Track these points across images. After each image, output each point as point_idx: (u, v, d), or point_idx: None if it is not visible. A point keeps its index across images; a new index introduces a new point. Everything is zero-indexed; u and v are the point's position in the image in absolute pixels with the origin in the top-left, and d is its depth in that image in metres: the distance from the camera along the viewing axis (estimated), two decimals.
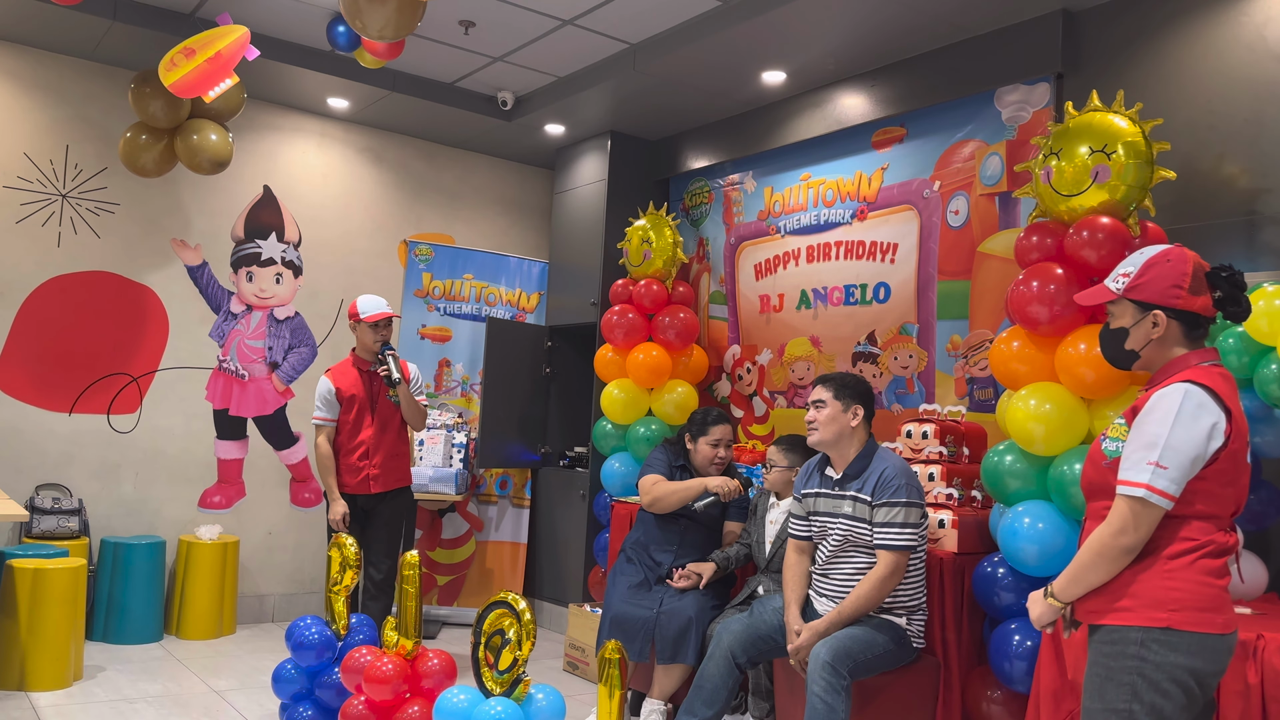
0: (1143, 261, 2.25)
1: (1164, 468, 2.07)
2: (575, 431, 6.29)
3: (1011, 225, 4.23)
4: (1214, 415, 2.09)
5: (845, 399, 3.41)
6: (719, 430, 4.29)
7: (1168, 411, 2.10)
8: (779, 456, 3.99)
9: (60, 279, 5.39)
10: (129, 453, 5.56)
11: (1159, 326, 2.22)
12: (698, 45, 4.71)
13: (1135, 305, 2.25)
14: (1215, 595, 2.09)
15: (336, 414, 4.55)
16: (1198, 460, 2.08)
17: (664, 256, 5.38)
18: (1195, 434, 2.07)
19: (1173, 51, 3.79)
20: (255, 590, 5.93)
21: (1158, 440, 2.08)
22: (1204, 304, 2.22)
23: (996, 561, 3.39)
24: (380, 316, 4.53)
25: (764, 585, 3.90)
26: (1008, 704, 3.38)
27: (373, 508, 4.60)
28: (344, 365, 4.64)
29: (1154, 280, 2.22)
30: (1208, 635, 2.07)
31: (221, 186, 5.86)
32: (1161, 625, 2.07)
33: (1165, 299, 2.21)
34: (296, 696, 3.68)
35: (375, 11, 3.72)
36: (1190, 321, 2.22)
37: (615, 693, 2.74)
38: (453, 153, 6.70)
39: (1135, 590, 2.11)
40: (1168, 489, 2.07)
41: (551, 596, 6.12)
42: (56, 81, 5.39)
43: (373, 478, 4.55)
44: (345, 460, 4.54)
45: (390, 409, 4.62)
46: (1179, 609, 2.07)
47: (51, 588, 4.36)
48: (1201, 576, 2.09)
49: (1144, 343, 2.26)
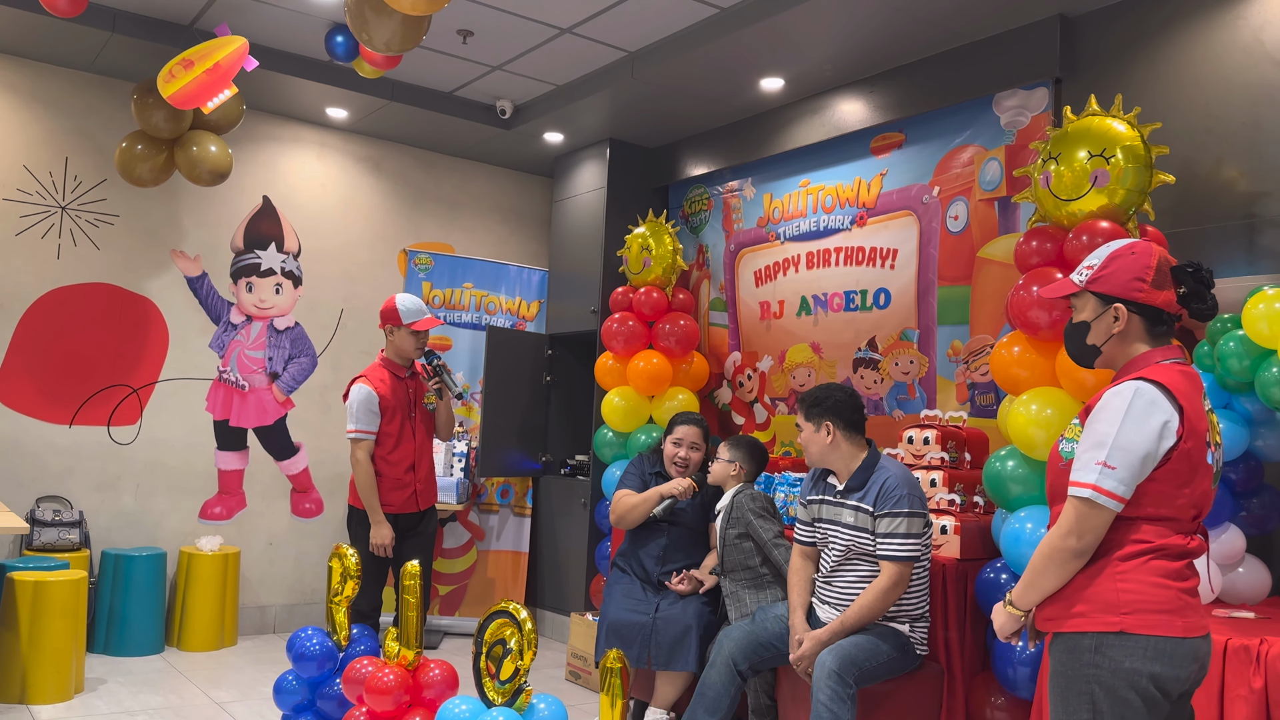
0: (1107, 254, 2.21)
1: (1112, 468, 2.01)
2: (576, 440, 6.28)
3: (1011, 230, 4.23)
4: (1165, 413, 2.03)
5: (815, 419, 3.42)
6: (681, 430, 4.29)
7: (1117, 410, 2.04)
8: (721, 451, 4.06)
9: (60, 291, 5.39)
10: (129, 464, 5.56)
11: (1120, 320, 2.17)
12: (696, 53, 4.72)
13: (1097, 298, 2.21)
14: (1172, 597, 2.02)
15: (378, 425, 4.19)
16: (1148, 459, 2.02)
17: (664, 264, 5.38)
18: (1145, 433, 2.01)
19: (1170, 55, 3.79)
20: (256, 601, 5.92)
21: (1106, 440, 2.03)
22: (1166, 299, 2.17)
23: (999, 567, 3.39)
24: (429, 325, 4.25)
25: (724, 588, 3.90)
26: (1011, 710, 3.37)
27: (412, 527, 4.33)
28: (378, 371, 4.28)
29: (1116, 272, 2.18)
30: (1164, 639, 1.99)
31: (221, 197, 5.86)
32: (1115, 629, 2.00)
33: (1127, 292, 2.16)
34: (298, 708, 3.66)
35: (381, 25, 3.73)
36: (1152, 317, 2.17)
37: (617, 702, 2.73)
38: (452, 162, 6.70)
39: (1088, 595, 2.05)
40: (1115, 489, 2.01)
41: (553, 605, 6.11)
42: (56, 94, 5.40)
43: (420, 493, 4.31)
44: (389, 475, 4.21)
45: (428, 418, 4.39)
46: (1131, 612, 2.01)
47: (52, 600, 4.35)
48: (1155, 578, 2.02)
49: (1105, 337, 2.20)
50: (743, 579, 3.84)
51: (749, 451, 4.02)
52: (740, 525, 3.84)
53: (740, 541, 3.84)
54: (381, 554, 4.20)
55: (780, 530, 3.83)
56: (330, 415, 6.16)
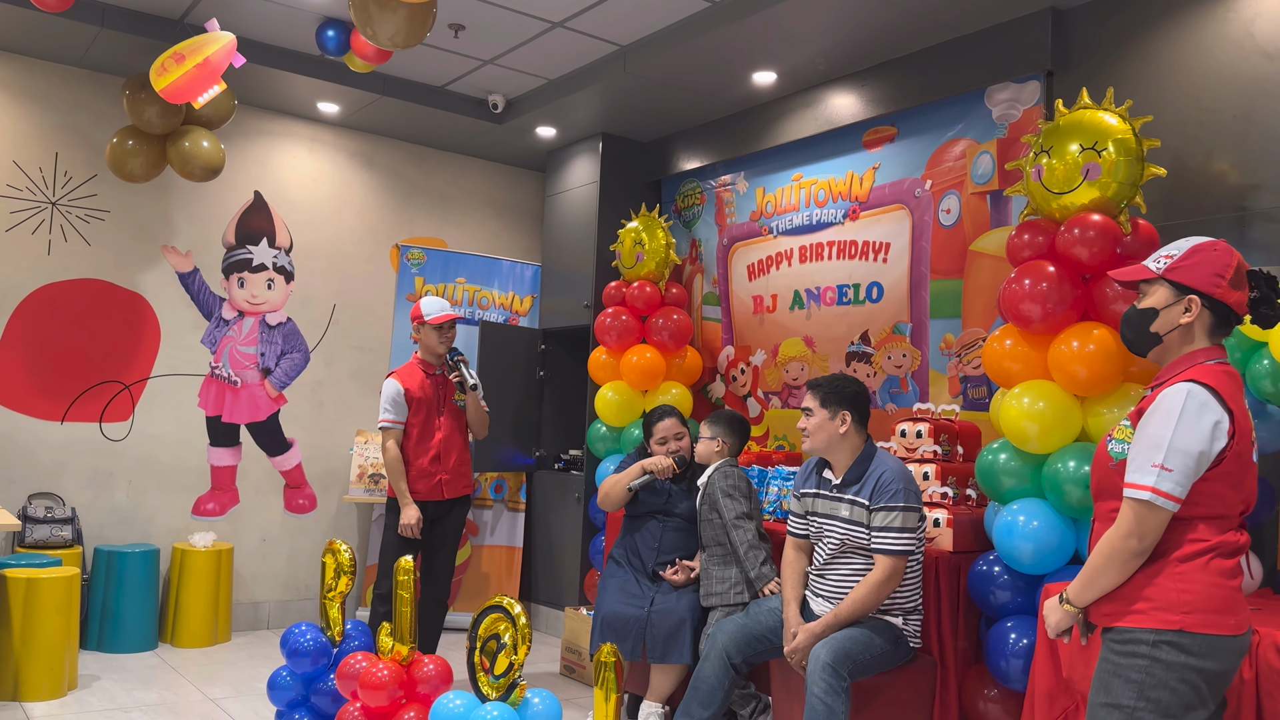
0: (1188, 246, 2.22)
1: (1169, 470, 2.06)
2: (570, 434, 6.28)
3: (1003, 223, 4.24)
4: (1216, 414, 2.08)
5: (831, 406, 3.40)
6: (661, 427, 4.30)
7: (1170, 412, 2.09)
8: (703, 429, 4.10)
9: (51, 287, 5.37)
10: (122, 461, 5.54)
11: (1190, 312, 2.19)
12: (688, 46, 4.71)
13: (1172, 287, 2.21)
14: (1228, 596, 2.09)
15: (405, 417, 4.50)
16: (1203, 460, 2.07)
17: (657, 258, 5.38)
18: (1199, 434, 2.06)
19: (1162, 48, 3.80)
20: (250, 597, 5.92)
21: (1162, 442, 2.07)
22: (1239, 299, 2.19)
23: (992, 560, 3.39)
24: (446, 318, 4.51)
25: (702, 565, 3.97)
26: (1004, 702, 3.38)
27: (441, 515, 4.58)
28: (410, 368, 4.59)
29: (1198, 265, 2.19)
30: (1219, 637, 2.06)
31: (212, 192, 5.84)
32: (1174, 628, 2.06)
33: (1206, 285, 2.18)
34: (292, 703, 3.66)
35: (386, 20, 3.73)
36: (1221, 315, 2.20)
37: (611, 696, 2.73)
38: (444, 156, 6.69)
39: (1148, 593, 2.11)
40: (1173, 491, 2.06)
41: (547, 600, 6.11)
42: (45, 89, 5.37)
43: (445, 483, 4.53)
44: (417, 464, 4.49)
45: (457, 413, 4.62)
46: (1191, 611, 2.06)
47: (45, 597, 4.34)
48: (1214, 578, 2.09)
49: (1171, 327, 2.22)
50: (716, 555, 3.91)
51: (729, 426, 4.08)
52: (710, 501, 3.91)
53: (712, 518, 3.92)
54: (409, 534, 4.38)
55: (745, 510, 3.86)
56: (323, 411, 6.15)
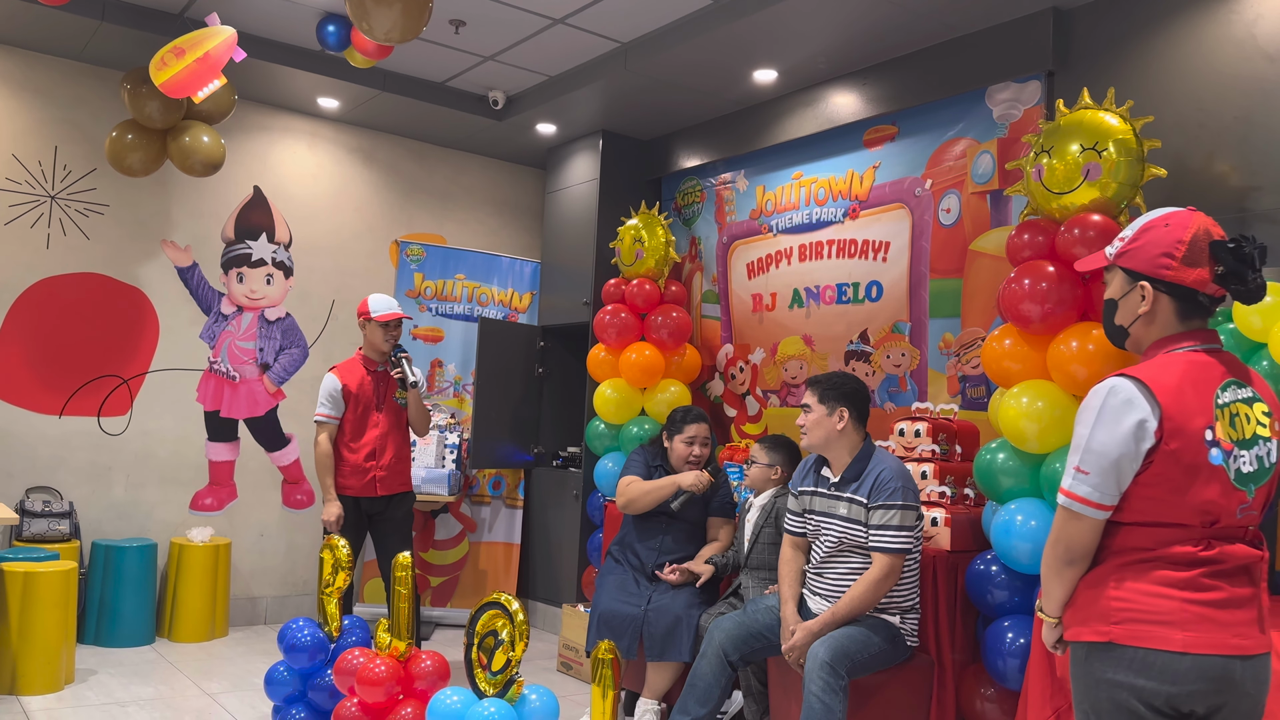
0: (1140, 224, 2.00)
1: (1085, 472, 1.88)
2: (568, 431, 6.28)
3: (1003, 223, 4.24)
4: (1141, 413, 1.84)
5: (830, 402, 3.41)
6: (693, 428, 4.30)
7: (1087, 411, 1.90)
8: (760, 454, 4.05)
9: (49, 281, 5.36)
10: (120, 455, 5.54)
11: (1146, 300, 1.96)
12: (689, 44, 4.71)
13: (1125, 274, 2.00)
14: (1175, 608, 1.83)
15: (341, 412, 4.49)
16: (1124, 462, 1.85)
17: (656, 256, 5.38)
18: (1117, 435, 1.85)
19: (1163, 49, 3.80)
20: (247, 592, 5.91)
21: (1080, 443, 1.90)
22: (1198, 278, 1.92)
23: (989, 559, 3.40)
24: (392, 317, 4.51)
25: (743, 581, 3.93)
26: (1001, 701, 3.38)
27: (378, 511, 4.56)
28: (351, 363, 4.59)
29: (1145, 246, 1.96)
30: (1154, 652, 1.82)
31: (211, 187, 5.84)
32: (1103, 639, 1.87)
33: (1153, 269, 1.94)
34: (289, 699, 3.67)
35: (382, 14, 3.72)
36: (1184, 297, 1.94)
37: (608, 693, 2.74)
38: (444, 152, 6.68)
39: (1083, 603, 1.94)
40: (1090, 496, 1.88)
41: (545, 597, 6.11)
42: (45, 82, 5.37)
43: (379, 480, 4.51)
44: (350, 460, 4.47)
45: (397, 410, 4.60)
46: (1121, 622, 1.86)
47: (42, 591, 4.34)
48: (1154, 587, 1.85)
49: (1131, 318, 2.00)
50: (765, 578, 3.87)
51: (788, 454, 4.04)
52: (776, 525, 3.86)
53: (776, 541, 3.85)
54: (330, 529, 4.39)
55: None
56: None
